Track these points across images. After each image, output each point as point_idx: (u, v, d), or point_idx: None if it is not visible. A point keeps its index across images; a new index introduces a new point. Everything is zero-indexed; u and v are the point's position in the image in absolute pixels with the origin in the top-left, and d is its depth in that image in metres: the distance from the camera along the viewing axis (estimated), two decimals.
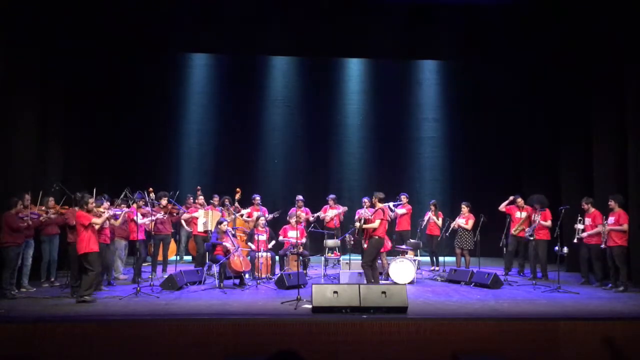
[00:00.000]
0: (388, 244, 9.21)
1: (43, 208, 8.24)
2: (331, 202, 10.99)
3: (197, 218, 10.01)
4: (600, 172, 9.84)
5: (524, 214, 9.72)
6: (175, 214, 9.98)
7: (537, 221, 9.25)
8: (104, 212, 7.64)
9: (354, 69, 13.36)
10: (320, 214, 10.88)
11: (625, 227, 8.28)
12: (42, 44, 9.29)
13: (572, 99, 10.78)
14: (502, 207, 9.90)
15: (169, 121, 12.89)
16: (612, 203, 8.46)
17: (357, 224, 8.15)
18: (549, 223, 9.24)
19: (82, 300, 7.05)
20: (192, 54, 12.91)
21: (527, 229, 9.49)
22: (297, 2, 11.12)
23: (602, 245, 8.41)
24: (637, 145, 8.92)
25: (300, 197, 10.72)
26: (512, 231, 9.74)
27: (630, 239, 8.43)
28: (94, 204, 7.51)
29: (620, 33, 9.24)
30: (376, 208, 8.06)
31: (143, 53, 11.92)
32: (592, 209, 8.84)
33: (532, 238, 9.32)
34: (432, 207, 10.53)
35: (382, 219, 7.96)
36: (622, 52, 9.23)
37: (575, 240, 8.88)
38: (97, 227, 7.34)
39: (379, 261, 9.34)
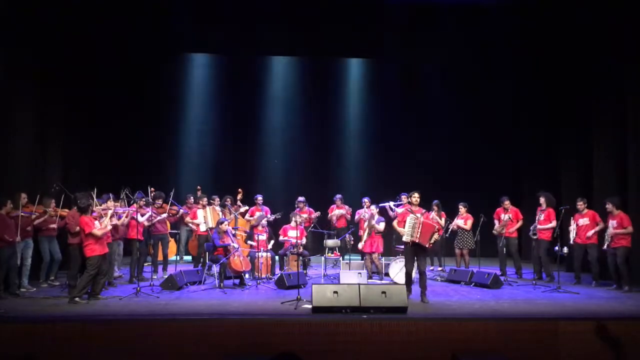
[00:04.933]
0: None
1: (42, 208, 8.22)
2: (338, 202, 10.96)
3: (198, 225, 10.01)
4: (600, 172, 9.84)
5: (506, 216, 9.63)
6: (173, 214, 9.97)
7: (537, 219, 9.25)
8: (108, 211, 7.65)
9: (354, 69, 13.36)
10: (329, 214, 10.86)
11: (630, 229, 8.30)
12: (43, 44, 9.29)
13: (572, 99, 10.78)
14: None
15: (169, 121, 12.90)
16: (609, 206, 8.46)
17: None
18: (552, 224, 9.14)
19: (73, 301, 7.05)
20: (192, 54, 12.92)
21: (531, 227, 9.48)
22: (297, 2, 11.12)
23: (604, 247, 8.42)
24: (637, 146, 8.92)
25: (301, 198, 10.70)
26: (494, 231, 9.70)
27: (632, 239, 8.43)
28: (96, 206, 7.50)
29: (621, 32, 9.25)
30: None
31: (143, 53, 11.91)
32: (586, 209, 8.86)
33: (535, 237, 9.29)
34: (435, 207, 10.51)
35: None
36: (622, 51, 9.24)
37: (571, 242, 8.88)
38: (98, 234, 7.23)
39: (374, 262, 9.36)
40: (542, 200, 9.36)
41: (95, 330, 5.92)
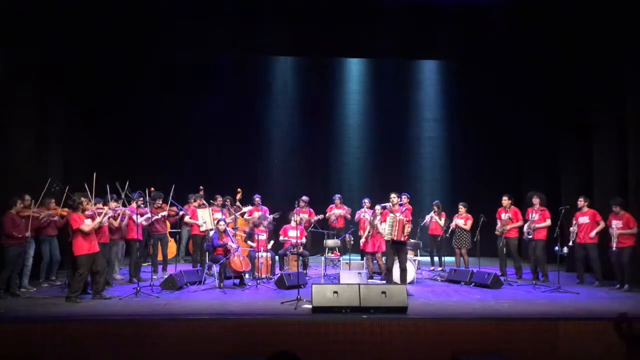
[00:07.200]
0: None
1: (44, 208, 8.23)
2: (337, 202, 10.97)
3: (198, 226, 10.00)
4: (600, 172, 9.84)
5: (507, 215, 9.59)
6: (173, 215, 9.96)
7: (532, 219, 9.23)
8: (102, 210, 7.65)
9: (354, 69, 13.36)
10: (327, 214, 10.87)
11: (635, 230, 8.31)
12: (43, 43, 9.28)
13: (572, 99, 10.77)
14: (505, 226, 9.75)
15: (169, 121, 12.87)
16: (617, 208, 8.45)
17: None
18: (547, 223, 9.19)
19: (70, 300, 7.10)
20: (192, 54, 12.88)
21: (525, 229, 9.45)
22: (297, 2, 11.11)
23: (613, 248, 8.38)
24: (637, 146, 8.92)
25: (305, 197, 10.71)
26: (496, 231, 9.66)
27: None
28: (89, 205, 7.50)
29: (620, 34, 9.25)
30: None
31: (144, 52, 11.90)
32: (586, 208, 8.87)
33: (530, 237, 9.29)
34: (435, 208, 10.52)
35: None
36: (621, 52, 9.24)
37: (570, 244, 8.87)
38: (86, 229, 7.20)
39: (374, 261, 9.36)
40: (535, 200, 9.36)
41: (95, 330, 5.93)
